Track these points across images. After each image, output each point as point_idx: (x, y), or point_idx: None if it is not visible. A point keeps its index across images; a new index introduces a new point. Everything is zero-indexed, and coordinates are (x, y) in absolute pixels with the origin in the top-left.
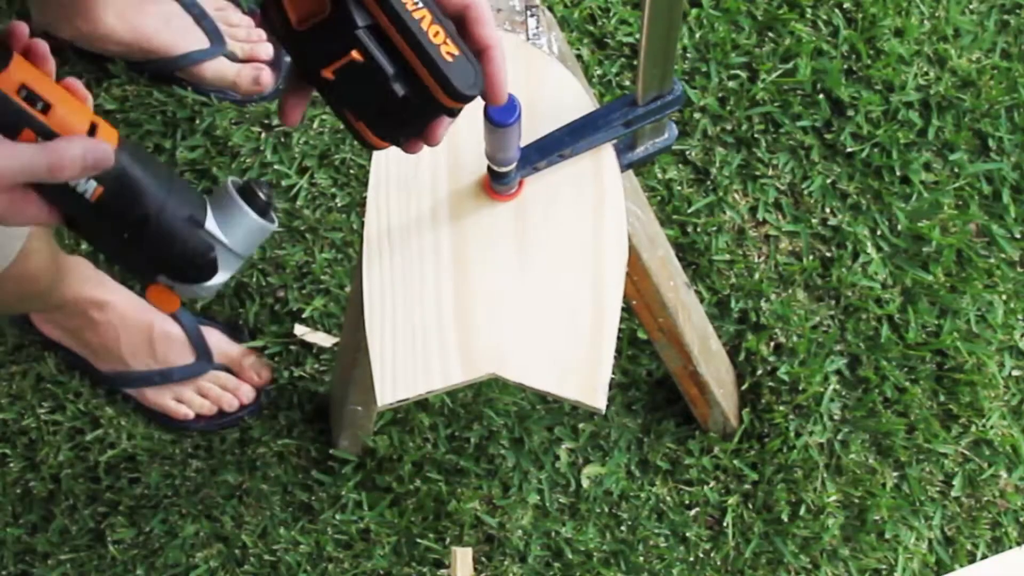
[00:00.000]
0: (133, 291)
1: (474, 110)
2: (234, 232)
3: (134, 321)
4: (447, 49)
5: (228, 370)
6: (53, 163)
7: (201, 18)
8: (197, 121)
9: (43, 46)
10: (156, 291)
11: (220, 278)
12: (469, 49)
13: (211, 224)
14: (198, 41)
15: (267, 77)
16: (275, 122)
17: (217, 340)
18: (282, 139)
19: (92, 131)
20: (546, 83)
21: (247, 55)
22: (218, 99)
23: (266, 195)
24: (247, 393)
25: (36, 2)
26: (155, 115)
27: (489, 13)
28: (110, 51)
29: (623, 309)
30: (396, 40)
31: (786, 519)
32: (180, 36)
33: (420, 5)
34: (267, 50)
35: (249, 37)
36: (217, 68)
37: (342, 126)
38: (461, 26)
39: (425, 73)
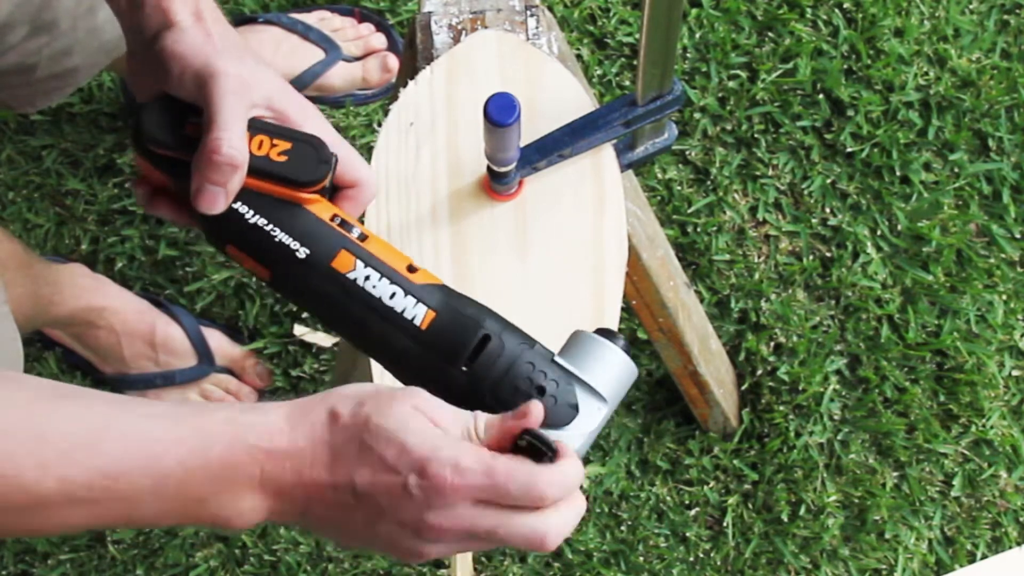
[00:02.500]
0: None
1: (474, 110)
2: (593, 370)
3: (135, 325)
4: (277, 151)
5: (230, 371)
6: None
7: (307, 33)
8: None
9: (363, 191)
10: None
11: (585, 424)
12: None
13: (561, 360)
14: (313, 55)
15: (393, 61)
16: None
17: (218, 342)
18: None
19: (411, 270)
20: (546, 83)
21: (364, 50)
22: (354, 105)
23: (624, 338)
24: (249, 396)
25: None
26: None
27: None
28: None
29: (623, 309)
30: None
31: (786, 519)
32: (294, 56)
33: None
34: (380, 39)
35: (359, 33)
36: (342, 73)
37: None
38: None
39: (275, 187)
